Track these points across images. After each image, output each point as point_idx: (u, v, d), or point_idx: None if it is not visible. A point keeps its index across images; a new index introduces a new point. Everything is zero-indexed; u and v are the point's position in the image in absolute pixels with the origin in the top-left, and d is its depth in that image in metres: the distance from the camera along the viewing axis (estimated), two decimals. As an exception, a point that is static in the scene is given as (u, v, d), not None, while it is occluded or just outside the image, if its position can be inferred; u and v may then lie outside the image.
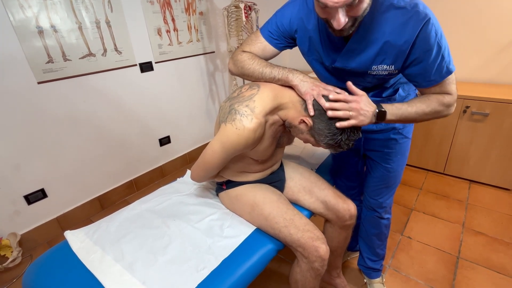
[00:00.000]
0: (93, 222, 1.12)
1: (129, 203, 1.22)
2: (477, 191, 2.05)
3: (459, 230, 1.72)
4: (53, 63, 1.64)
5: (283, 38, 0.96)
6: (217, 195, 1.20)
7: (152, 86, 2.19)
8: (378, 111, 0.81)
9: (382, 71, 0.84)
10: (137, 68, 2.07)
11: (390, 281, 1.42)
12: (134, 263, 0.90)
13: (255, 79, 0.94)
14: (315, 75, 1.06)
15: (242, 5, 2.17)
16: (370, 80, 0.91)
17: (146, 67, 2.12)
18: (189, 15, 2.30)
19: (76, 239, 1.02)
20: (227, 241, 0.98)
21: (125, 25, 1.92)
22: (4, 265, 1.57)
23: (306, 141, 0.94)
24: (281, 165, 1.19)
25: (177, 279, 0.84)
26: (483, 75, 2.17)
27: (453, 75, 0.81)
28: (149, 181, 2.38)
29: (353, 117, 0.80)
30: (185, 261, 0.90)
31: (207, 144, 0.93)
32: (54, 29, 1.60)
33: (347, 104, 0.80)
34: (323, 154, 1.49)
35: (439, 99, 0.83)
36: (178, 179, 1.37)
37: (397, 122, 0.87)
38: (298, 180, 1.15)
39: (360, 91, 0.81)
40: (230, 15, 2.23)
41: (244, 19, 2.19)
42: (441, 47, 0.76)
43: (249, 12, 2.23)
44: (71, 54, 1.70)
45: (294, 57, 3.22)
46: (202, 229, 1.02)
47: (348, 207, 1.08)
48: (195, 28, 2.37)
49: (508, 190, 2.03)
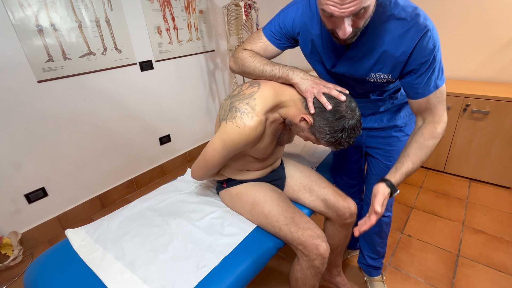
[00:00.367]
0: (94, 220, 1.13)
1: (130, 202, 1.22)
2: (477, 189, 2.05)
3: (459, 228, 1.72)
4: (53, 61, 1.64)
5: (286, 38, 0.96)
6: (218, 194, 1.20)
7: (152, 84, 2.19)
8: (391, 195, 0.80)
9: (380, 79, 0.85)
10: (137, 66, 2.07)
11: (390, 279, 1.43)
12: (135, 261, 0.90)
13: (255, 77, 0.95)
14: (316, 74, 1.07)
15: (242, 4, 2.16)
16: (369, 86, 0.92)
17: (146, 65, 2.11)
18: (189, 13, 2.30)
19: (77, 237, 1.02)
20: (228, 239, 0.98)
21: (125, 23, 1.91)
22: (5, 263, 1.57)
23: (306, 139, 0.94)
24: (282, 163, 1.19)
25: (178, 277, 0.85)
26: (484, 74, 2.17)
27: (442, 91, 0.80)
28: (150, 179, 2.38)
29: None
30: (186, 259, 0.90)
31: (208, 142, 0.93)
32: (54, 27, 1.60)
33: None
34: (324, 152, 1.49)
35: (432, 132, 0.82)
36: (178, 177, 1.37)
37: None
38: (298, 178, 1.15)
39: (378, 207, 0.76)
40: (230, 13, 2.23)
41: (244, 17, 2.18)
42: (435, 60, 0.76)
43: (249, 10, 2.23)
44: (71, 52, 1.70)
45: (294, 55, 3.22)
46: (202, 227, 1.03)
47: (348, 205, 1.08)
48: (195, 26, 2.37)
49: (508, 188, 2.03)
